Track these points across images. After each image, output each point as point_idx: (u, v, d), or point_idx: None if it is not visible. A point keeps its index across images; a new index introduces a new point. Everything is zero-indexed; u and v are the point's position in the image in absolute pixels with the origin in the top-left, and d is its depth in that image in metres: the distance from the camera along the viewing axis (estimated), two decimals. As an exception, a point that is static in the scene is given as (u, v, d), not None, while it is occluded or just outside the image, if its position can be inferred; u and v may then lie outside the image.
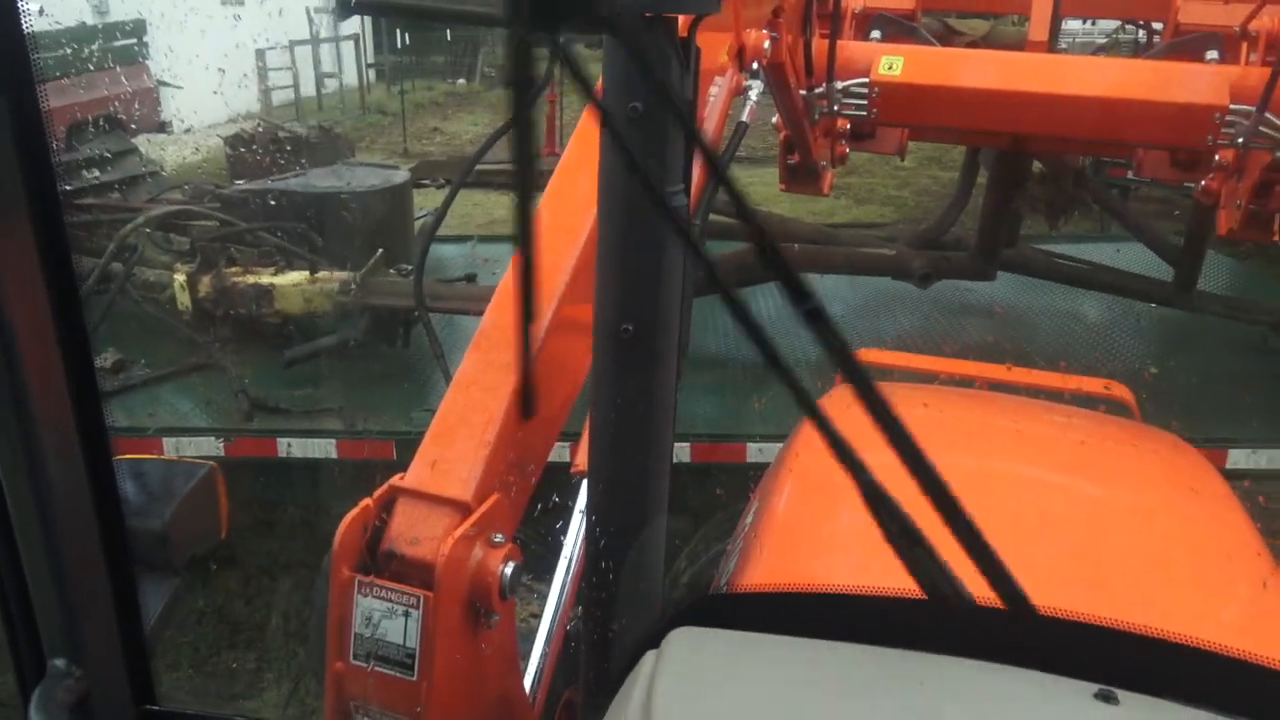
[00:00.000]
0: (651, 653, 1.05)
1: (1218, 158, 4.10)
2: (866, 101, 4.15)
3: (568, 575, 2.07)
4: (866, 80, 4.12)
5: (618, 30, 1.09)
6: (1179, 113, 3.82)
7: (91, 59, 8.60)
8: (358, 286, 5.15)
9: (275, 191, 6.07)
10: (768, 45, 2.76)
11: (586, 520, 1.58)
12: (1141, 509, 2.50)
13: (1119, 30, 8.59)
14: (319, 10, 19.33)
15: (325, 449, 4.80)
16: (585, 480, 1.60)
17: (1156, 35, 6.05)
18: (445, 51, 24.26)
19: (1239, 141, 3.73)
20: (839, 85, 4.11)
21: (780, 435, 3.70)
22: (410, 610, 1.44)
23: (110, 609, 1.16)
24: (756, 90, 2.73)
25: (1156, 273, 6.19)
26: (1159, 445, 2.85)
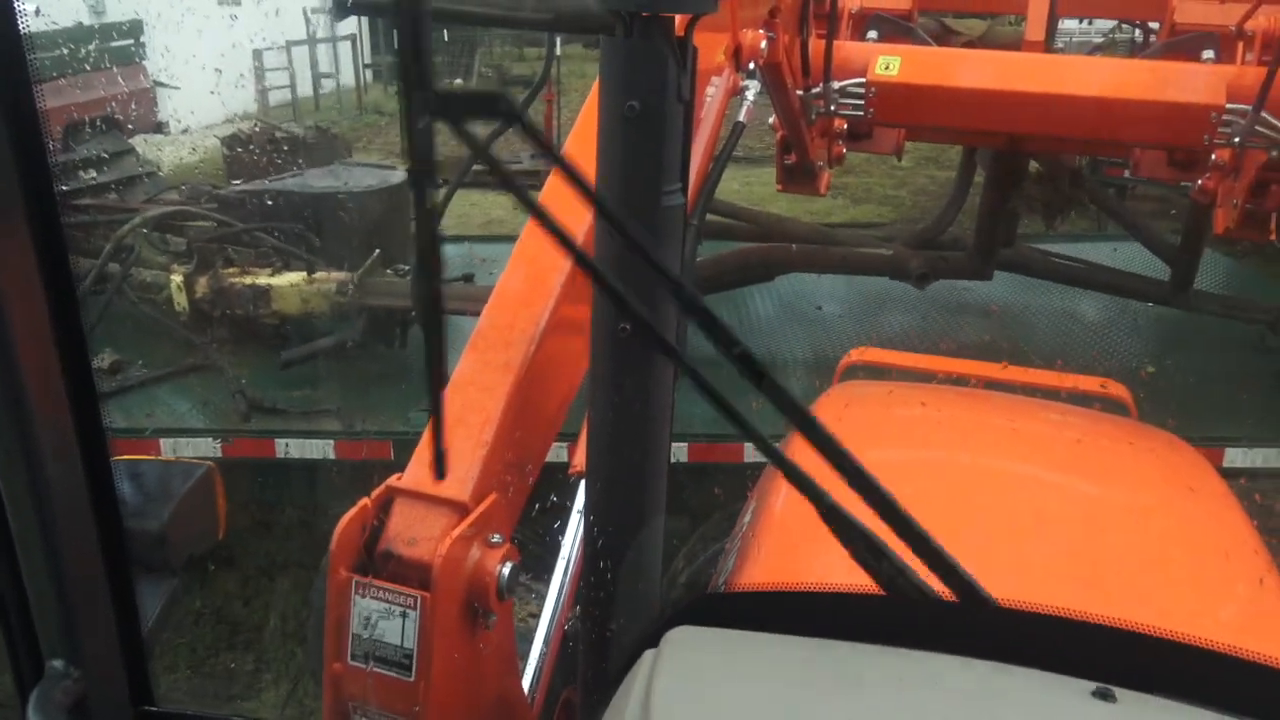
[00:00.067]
0: (650, 652, 1.05)
1: (1214, 157, 4.10)
2: (863, 101, 4.14)
3: (566, 575, 2.07)
4: (863, 80, 4.11)
5: (615, 30, 1.09)
6: (1175, 112, 3.82)
7: (88, 59, 8.59)
8: (355, 287, 5.14)
9: (272, 192, 6.04)
10: (764, 45, 2.75)
11: (584, 520, 1.58)
12: (1139, 507, 2.50)
13: (1115, 30, 8.59)
14: (316, 11, 19.30)
15: (323, 449, 4.79)
16: (583, 480, 1.60)
17: (1153, 35, 6.05)
18: (442, 52, 24.23)
19: (1235, 141, 3.73)
20: (836, 85, 4.10)
21: (778, 435, 3.69)
22: (408, 611, 1.44)
23: (108, 610, 1.16)
24: (753, 90, 2.74)
25: (1153, 272, 6.19)
26: (1156, 444, 2.85)
